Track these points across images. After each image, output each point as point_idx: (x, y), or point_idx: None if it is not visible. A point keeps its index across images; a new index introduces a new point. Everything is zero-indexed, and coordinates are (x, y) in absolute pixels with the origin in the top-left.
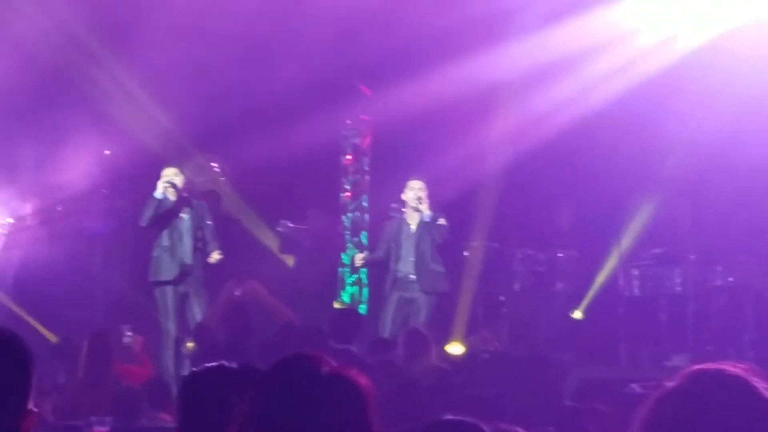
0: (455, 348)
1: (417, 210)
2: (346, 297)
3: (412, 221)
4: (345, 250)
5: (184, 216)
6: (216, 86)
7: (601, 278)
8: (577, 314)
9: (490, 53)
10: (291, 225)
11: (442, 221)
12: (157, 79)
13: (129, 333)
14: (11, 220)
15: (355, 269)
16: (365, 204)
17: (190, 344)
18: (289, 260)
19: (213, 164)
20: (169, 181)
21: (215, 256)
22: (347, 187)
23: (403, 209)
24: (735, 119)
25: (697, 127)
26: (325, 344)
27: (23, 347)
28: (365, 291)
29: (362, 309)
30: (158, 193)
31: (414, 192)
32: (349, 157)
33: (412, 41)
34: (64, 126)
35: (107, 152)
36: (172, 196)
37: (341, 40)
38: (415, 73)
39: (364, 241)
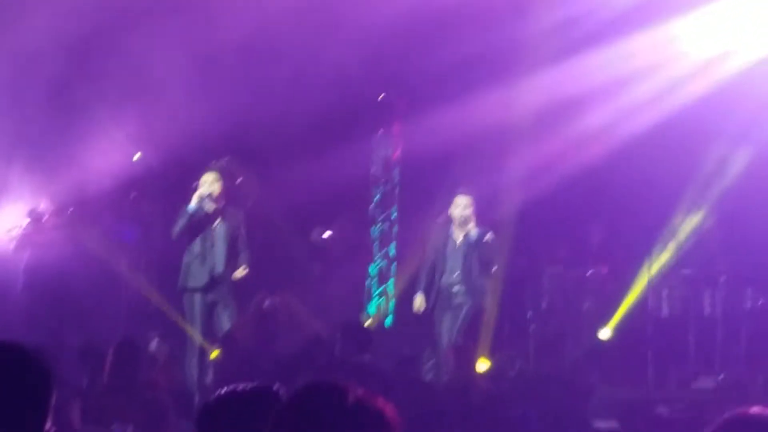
0: (481, 365)
1: (463, 226)
2: (372, 309)
3: (458, 236)
4: (372, 261)
5: (218, 223)
6: (247, 93)
7: (630, 298)
8: (605, 333)
9: (528, 75)
10: (325, 235)
11: (489, 238)
12: (186, 82)
13: (155, 341)
14: (28, 221)
15: (382, 281)
16: (394, 215)
17: (215, 353)
18: (316, 268)
19: (239, 169)
20: (204, 193)
21: (240, 272)
22: (376, 198)
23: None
24: None
25: (735, 149)
26: (349, 360)
27: (43, 365)
28: (392, 303)
29: (388, 321)
30: (192, 207)
31: (460, 209)
32: (378, 168)
33: (449, 60)
34: (90, 125)
35: (138, 155)
36: (208, 206)
37: (376, 53)
38: (452, 89)
39: (392, 252)
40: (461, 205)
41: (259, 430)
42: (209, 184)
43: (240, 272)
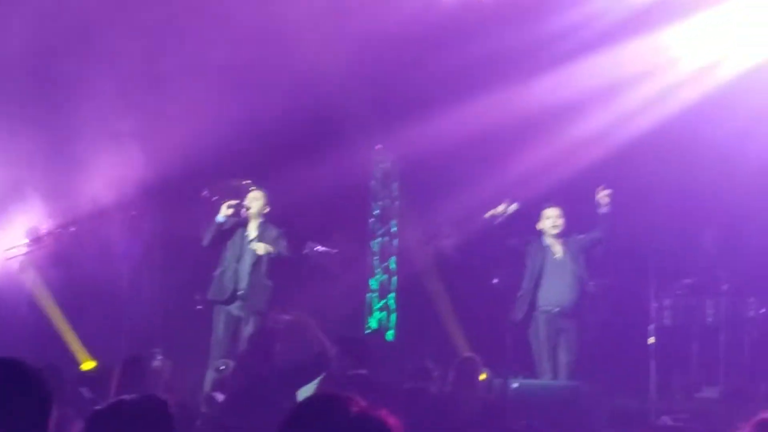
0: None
1: (558, 239)
2: (373, 322)
3: (557, 249)
4: (373, 275)
5: (252, 239)
6: (246, 108)
7: None
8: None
9: (525, 83)
10: (319, 248)
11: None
12: (184, 96)
13: (159, 357)
14: (27, 241)
15: (383, 295)
16: (394, 229)
17: (221, 368)
18: (316, 283)
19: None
20: (233, 204)
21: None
22: (376, 212)
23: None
24: None
25: (738, 155)
26: (346, 374)
27: (43, 383)
28: (393, 316)
29: (390, 335)
30: (220, 217)
31: (552, 220)
32: (377, 182)
33: (446, 70)
34: (90, 141)
35: (139, 171)
36: (227, 213)
37: (373, 65)
38: (450, 99)
39: (393, 266)
40: (553, 217)
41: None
42: (251, 199)
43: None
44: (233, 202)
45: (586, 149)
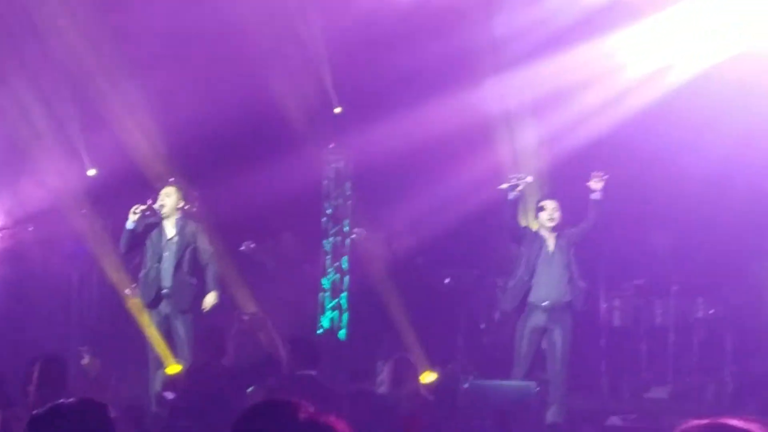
0: (427, 377)
1: (554, 232)
2: (325, 322)
3: (550, 242)
4: (325, 274)
5: (171, 237)
6: (199, 107)
7: None
8: None
9: (476, 86)
10: (253, 245)
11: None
12: (139, 100)
13: (87, 355)
14: None
15: (335, 294)
16: (347, 228)
17: (171, 368)
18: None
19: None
20: (140, 209)
21: (211, 299)
22: (328, 211)
23: None
24: (724, 151)
25: (686, 158)
26: (296, 375)
27: None
28: (345, 316)
29: (341, 334)
30: (129, 223)
31: (549, 212)
32: (330, 181)
33: (399, 72)
34: (40, 140)
35: (92, 171)
36: (135, 219)
37: (327, 64)
38: (401, 100)
39: (345, 265)
40: (550, 209)
41: None
42: (161, 197)
43: (210, 299)
44: (140, 207)
45: (537, 152)
